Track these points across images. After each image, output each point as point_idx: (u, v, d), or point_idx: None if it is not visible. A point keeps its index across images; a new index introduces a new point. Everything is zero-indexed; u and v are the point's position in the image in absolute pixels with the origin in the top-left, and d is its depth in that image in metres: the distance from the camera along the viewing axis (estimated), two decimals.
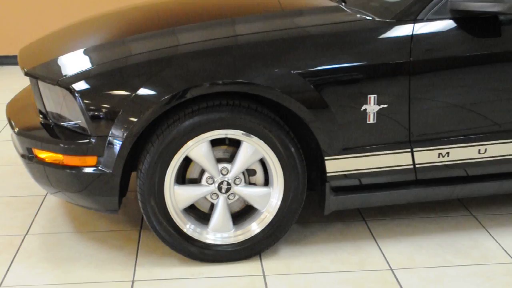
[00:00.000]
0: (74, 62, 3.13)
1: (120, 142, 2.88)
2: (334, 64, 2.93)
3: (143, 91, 2.87)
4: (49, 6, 7.11)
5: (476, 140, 3.09)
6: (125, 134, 2.87)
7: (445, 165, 3.10)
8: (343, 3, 3.30)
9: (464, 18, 3.02)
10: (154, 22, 3.58)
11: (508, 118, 3.08)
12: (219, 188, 3.03)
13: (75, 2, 7.08)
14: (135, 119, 2.86)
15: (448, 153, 3.08)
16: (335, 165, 3.02)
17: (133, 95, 2.86)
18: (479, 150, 3.10)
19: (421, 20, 3.00)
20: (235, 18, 3.36)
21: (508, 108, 3.07)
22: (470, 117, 3.06)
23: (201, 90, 2.86)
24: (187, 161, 3.03)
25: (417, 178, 3.12)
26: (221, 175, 3.01)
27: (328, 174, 3.03)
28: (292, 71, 2.89)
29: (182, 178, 3.06)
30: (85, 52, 3.22)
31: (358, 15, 3.13)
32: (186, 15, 3.61)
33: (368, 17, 3.09)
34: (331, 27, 3.09)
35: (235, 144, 3.03)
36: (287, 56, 2.93)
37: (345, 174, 3.06)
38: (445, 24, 3.01)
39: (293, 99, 2.89)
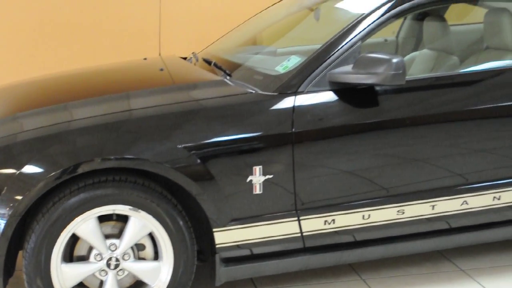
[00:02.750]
0: None
1: (5, 221, 2.82)
2: (219, 137, 2.99)
3: (29, 169, 2.83)
4: None
5: (360, 206, 3.18)
6: (10, 212, 2.81)
7: (331, 232, 3.18)
8: (227, 77, 3.38)
9: (342, 90, 3.15)
10: (47, 96, 3.56)
11: (389, 184, 3.21)
12: (108, 265, 2.99)
13: None
14: (20, 197, 2.81)
15: (333, 220, 3.16)
16: (224, 236, 3.05)
17: (18, 172, 2.82)
18: (363, 216, 3.20)
19: (302, 92, 3.11)
20: (124, 93, 3.38)
21: (388, 174, 3.20)
22: (354, 184, 3.17)
23: (91, 166, 2.85)
24: (74, 238, 2.99)
25: (305, 245, 3.18)
26: (109, 251, 2.98)
27: (217, 246, 3.05)
28: (178, 145, 2.93)
29: (70, 256, 3.01)
30: None
31: (242, 89, 3.22)
32: (79, 89, 3.61)
33: (251, 90, 3.18)
34: (215, 101, 3.16)
35: (124, 219, 3.01)
36: (173, 130, 2.97)
37: (235, 245, 3.09)
38: (325, 96, 3.13)
39: (179, 173, 2.92)
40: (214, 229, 3.02)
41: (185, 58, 4.03)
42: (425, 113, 3.23)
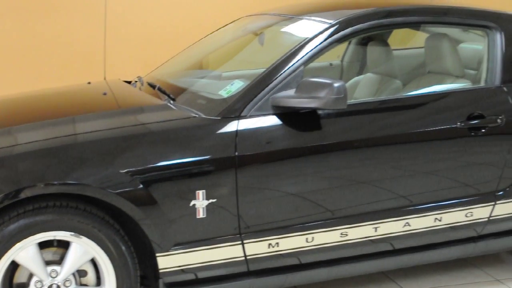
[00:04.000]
0: None
1: None
2: (162, 162, 2.98)
3: None
4: None
5: (304, 229, 3.20)
6: None
7: (275, 255, 3.19)
8: (171, 101, 3.38)
9: (286, 114, 3.17)
10: None
11: (332, 207, 3.23)
12: None
13: None
14: None
15: (277, 243, 3.17)
16: (167, 261, 3.03)
17: None
18: (307, 238, 3.22)
19: (245, 117, 3.13)
20: (67, 117, 3.35)
21: (331, 197, 3.23)
22: (297, 207, 3.18)
23: (33, 191, 2.82)
24: (14, 264, 2.94)
25: (249, 269, 3.18)
26: (50, 278, 2.94)
27: (160, 270, 3.03)
28: (120, 170, 2.92)
29: (9, 283, 2.95)
30: None
31: (186, 113, 3.22)
32: (22, 114, 3.57)
33: (195, 115, 3.18)
34: (158, 125, 3.15)
35: (65, 245, 2.97)
36: (115, 155, 2.96)
37: (179, 269, 3.07)
38: (268, 120, 3.15)
39: (121, 198, 2.90)
40: (157, 254, 3.00)
41: (129, 82, 4.02)
42: (368, 136, 3.27)
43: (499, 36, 3.61)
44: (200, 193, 3.01)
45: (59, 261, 2.97)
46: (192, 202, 3.01)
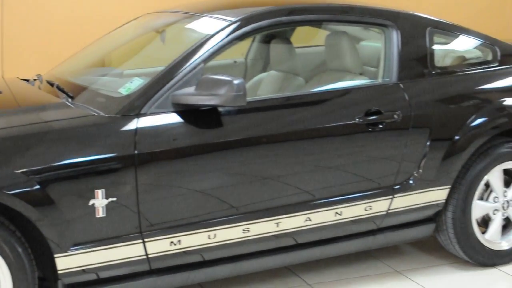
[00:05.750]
0: None
1: None
2: (59, 161, 2.93)
3: None
4: None
5: (206, 226, 3.20)
6: None
7: (178, 252, 3.18)
8: (69, 100, 3.33)
9: (186, 111, 3.17)
10: None
11: (233, 203, 3.25)
12: None
13: None
14: None
15: (179, 240, 3.17)
16: (66, 262, 2.98)
17: None
18: (209, 235, 3.22)
19: (145, 114, 3.11)
20: None
21: (232, 194, 3.24)
22: (198, 205, 3.19)
23: None
24: None
25: (151, 267, 3.16)
26: None
27: (59, 272, 2.98)
28: (15, 170, 2.85)
29: None
30: None
31: (84, 111, 3.17)
32: None
33: (93, 113, 3.14)
34: (55, 124, 3.09)
35: None
36: (10, 155, 2.89)
37: (80, 270, 3.03)
38: (168, 117, 3.14)
39: (17, 199, 2.83)
40: (55, 255, 2.95)
41: (27, 80, 3.92)
42: (269, 133, 3.31)
43: (395, 34, 3.71)
44: (100, 192, 2.97)
45: None
46: (91, 201, 2.97)
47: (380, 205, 3.58)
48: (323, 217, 3.45)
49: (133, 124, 3.07)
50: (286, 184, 3.36)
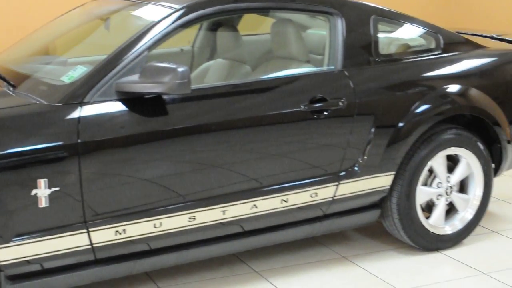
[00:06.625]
0: None
1: None
2: (0, 151, 2.88)
3: None
4: None
5: (151, 215, 3.19)
6: None
7: (123, 242, 3.16)
8: (11, 88, 3.27)
9: (131, 99, 3.15)
10: None
11: (179, 192, 3.24)
12: None
13: None
14: None
15: (124, 230, 3.15)
16: (8, 253, 2.94)
17: None
18: (155, 224, 3.21)
19: (88, 103, 3.08)
20: None
21: (177, 182, 3.24)
22: (143, 193, 3.17)
23: None
24: None
25: (96, 257, 3.14)
26: None
27: (1, 263, 2.94)
28: None
29: None
30: None
31: (25, 100, 3.12)
32: None
33: (35, 101, 3.09)
34: None
35: None
36: None
37: (24, 261, 2.99)
38: (112, 105, 3.12)
39: None
40: None
41: None
42: (214, 121, 3.30)
43: (340, 22, 3.73)
44: (42, 182, 2.94)
45: None
46: (34, 191, 2.93)
47: (326, 192, 3.61)
48: (269, 204, 3.47)
49: (76, 113, 3.04)
50: (231, 171, 3.37)
